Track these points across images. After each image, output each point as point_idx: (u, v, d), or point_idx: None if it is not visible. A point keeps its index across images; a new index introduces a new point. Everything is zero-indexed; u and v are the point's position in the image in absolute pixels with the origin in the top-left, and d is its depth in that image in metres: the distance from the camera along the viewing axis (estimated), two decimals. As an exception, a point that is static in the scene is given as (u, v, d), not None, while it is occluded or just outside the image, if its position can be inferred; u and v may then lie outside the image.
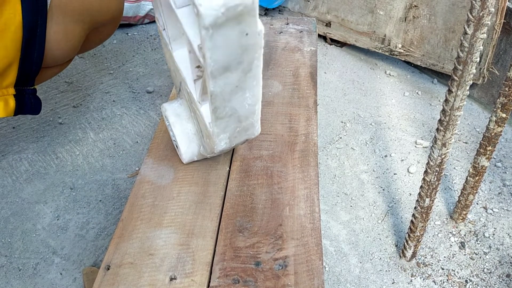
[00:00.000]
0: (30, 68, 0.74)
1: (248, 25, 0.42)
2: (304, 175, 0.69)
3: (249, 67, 0.47)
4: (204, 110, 0.58)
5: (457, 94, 0.65)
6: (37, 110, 0.81)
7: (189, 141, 0.66)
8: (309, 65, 0.94)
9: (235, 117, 0.53)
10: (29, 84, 0.77)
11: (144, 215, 0.62)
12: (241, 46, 0.44)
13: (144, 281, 0.54)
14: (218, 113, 0.51)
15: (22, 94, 0.76)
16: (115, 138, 1.13)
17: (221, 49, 0.43)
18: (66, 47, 0.77)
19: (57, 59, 0.78)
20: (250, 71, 0.48)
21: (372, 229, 0.95)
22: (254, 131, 0.57)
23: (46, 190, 0.99)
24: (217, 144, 0.56)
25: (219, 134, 0.55)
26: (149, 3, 1.54)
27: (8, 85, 0.73)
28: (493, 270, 0.88)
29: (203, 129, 0.60)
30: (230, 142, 0.57)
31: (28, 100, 0.78)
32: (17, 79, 0.74)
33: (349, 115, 1.25)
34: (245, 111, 0.53)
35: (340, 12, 1.46)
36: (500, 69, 1.23)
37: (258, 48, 0.46)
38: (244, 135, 0.57)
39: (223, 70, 0.45)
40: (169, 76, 1.35)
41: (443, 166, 0.74)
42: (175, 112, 0.67)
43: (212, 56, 0.43)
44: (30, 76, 0.76)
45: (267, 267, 0.56)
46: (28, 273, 0.83)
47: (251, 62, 0.47)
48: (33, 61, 0.73)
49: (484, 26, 0.59)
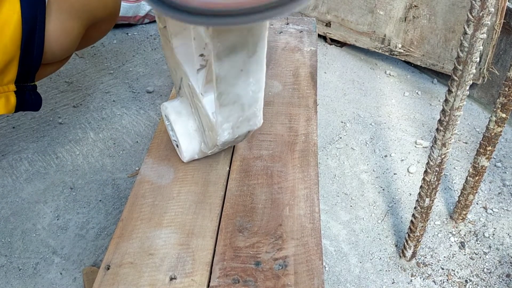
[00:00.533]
0: (30, 65, 0.74)
1: None
2: (304, 175, 0.69)
3: (253, 49, 0.47)
4: (207, 102, 0.58)
5: (457, 94, 0.65)
6: (37, 106, 0.81)
7: (190, 138, 0.66)
8: (309, 65, 0.94)
9: (238, 105, 0.53)
10: (30, 80, 0.77)
11: (144, 215, 0.63)
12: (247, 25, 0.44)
13: (144, 281, 0.54)
14: (222, 100, 0.51)
15: (22, 91, 0.77)
16: (115, 138, 1.13)
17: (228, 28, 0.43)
18: (65, 43, 0.77)
19: (57, 55, 0.78)
20: (254, 53, 0.48)
21: (372, 229, 0.95)
22: (256, 121, 0.58)
23: (46, 190, 0.99)
24: (220, 135, 0.56)
25: (223, 123, 0.55)
26: (149, 3, 1.54)
27: (8, 81, 0.73)
28: (493, 270, 0.88)
29: (206, 122, 0.60)
30: (233, 132, 0.57)
31: (29, 97, 0.78)
32: (17, 76, 0.74)
33: (349, 115, 1.25)
34: (248, 99, 0.53)
35: (340, 12, 1.46)
36: (500, 69, 1.23)
37: (264, 28, 0.46)
38: (247, 125, 0.57)
39: (228, 51, 0.46)
40: (169, 76, 1.35)
41: (443, 166, 0.74)
42: (176, 110, 0.67)
43: (219, 35, 0.43)
44: (31, 73, 0.76)
45: (267, 267, 0.56)
46: (28, 273, 0.83)
47: (255, 43, 0.47)
48: (33, 58, 0.74)
49: (484, 26, 0.59)
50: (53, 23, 0.74)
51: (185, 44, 0.62)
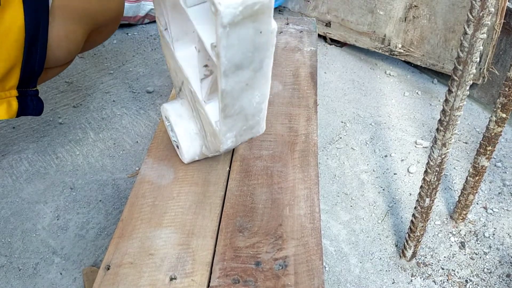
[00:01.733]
0: (33, 70, 0.74)
1: (262, 23, 0.42)
2: (304, 175, 0.69)
3: (260, 65, 0.47)
4: (210, 109, 0.58)
5: (457, 94, 0.65)
6: (39, 111, 0.81)
7: (191, 141, 0.66)
8: (309, 65, 0.94)
9: (242, 115, 0.53)
10: (31, 86, 0.77)
11: (144, 215, 0.62)
12: (254, 44, 0.44)
13: (144, 281, 0.54)
14: (227, 112, 0.51)
15: (24, 96, 0.77)
16: (115, 138, 1.13)
17: (236, 47, 0.43)
18: (68, 47, 0.77)
19: (59, 60, 0.78)
20: (260, 69, 0.48)
21: (372, 229, 0.95)
22: (259, 129, 0.58)
23: (46, 190, 0.99)
24: (224, 143, 0.56)
25: (226, 133, 0.55)
26: (149, 3, 1.54)
27: (11, 87, 0.73)
28: (493, 270, 0.88)
29: (208, 128, 0.60)
30: (236, 141, 0.57)
31: (31, 102, 0.78)
32: (19, 81, 0.74)
33: (349, 115, 1.25)
34: (252, 109, 0.53)
35: (340, 12, 1.46)
36: (500, 69, 1.23)
37: (270, 46, 0.46)
38: (249, 133, 0.57)
39: (235, 68, 0.46)
40: (169, 76, 1.35)
41: (443, 166, 0.74)
42: (177, 112, 0.67)
43: (226, 54, 0.43)
44: (33, 78, 0.76)
45: (267, 267, 0.56)
46: (28, 273, 0.83)
47: (262, 60, 0.47)
48: (36, 63, 0.74)
49: (484, 26, 0.59)
50: (56, 28, 0.74)
51: (186, 49, 0.62)
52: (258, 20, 0.41)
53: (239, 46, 0.43)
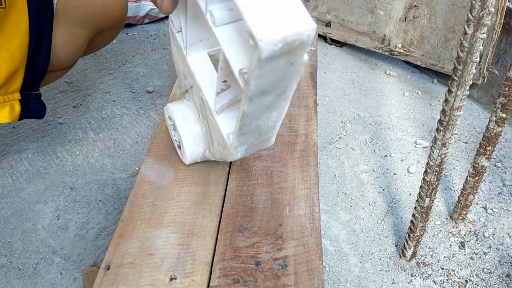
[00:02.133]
0: (36, 73, 0.74)
1: (297, 56, 0.42)
2: (304, 175, 0.69)
3: (283, 91, 0.48)
4: (221, 121, 0.58)
5: (457, 94, 0.65)
6: (41, 114, 0.81)
7: (195, 144, 0.66)
8: (309, 65, 0.94)
9: (256, 132, 0.54)
10: (34, 89, 0.77)
11: (144, 215, 0.62)
12: (284, 73, 0.44)
13: (144, 281, 0.54)
14: (243, 130, 0.52)
15: (27, 99, 0.77)
16: (115, 138, 1.13)
17: (266, 77, 0.43)
18: (71, 51, 0.77)
19: (62, 63, 0.78)
20: (283, 93, 0.48)
21: (372, 229, 0.95)
22: (269, 143, 0.59)
23: (46, 190, 0.99)
24: (233, 155, 0.57)
25: (238, 147, 0.55)
26: (149, 3, 1.54)
27: (14, 90, 0.73)
28: (493, 270, 0.88)
29: (216, 137, 0.60)
30: (245, 153, 0.58)
31: (33, 105, 0.78)
32: (22, 84, 0.74)
33: (349, 115, 1.25)
34: (267, 127, 0.54)
35: (340, 12, 1.46)
36: (500, 69, 1.23)
37: (298, 75, 0.46)
38: (259, 146, 0.58)
39: (260, 94, 0.46)
40: (169, 76, 1.35)
41: (443, 166, 0.74)
42: (182, 114, 0.67)
43: (256, 83, 0.43)
44: (36, 81, 0.76)
45: (267, 267, 0.56)
46: (28, 273, 0.83)
47: (286, 86, 0.47)
48: (39, 66, 0.74)
49: (484, 26, 0.59)
50: (60, 32, 0.74)
51: (199, 54, 0.61)
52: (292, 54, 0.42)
53: (270, 76, 0.43)
